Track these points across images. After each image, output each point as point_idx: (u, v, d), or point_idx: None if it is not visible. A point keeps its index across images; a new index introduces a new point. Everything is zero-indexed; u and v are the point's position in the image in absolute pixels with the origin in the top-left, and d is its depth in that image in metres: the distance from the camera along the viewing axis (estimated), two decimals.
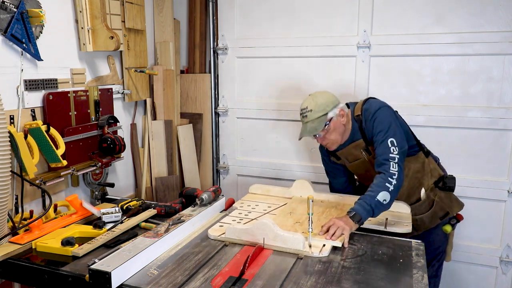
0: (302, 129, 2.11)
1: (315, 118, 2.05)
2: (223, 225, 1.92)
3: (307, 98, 2.12)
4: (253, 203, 2.29)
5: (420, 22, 2.66)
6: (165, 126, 3.07)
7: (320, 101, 2.06)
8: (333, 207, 2.16)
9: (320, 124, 2.05)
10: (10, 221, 1.89)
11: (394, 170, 1.92)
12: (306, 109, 2.06)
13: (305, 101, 2.10)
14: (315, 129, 2.05)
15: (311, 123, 2.05)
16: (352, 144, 2.16)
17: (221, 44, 3.17)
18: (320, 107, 2.04)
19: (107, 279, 1.41)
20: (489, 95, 2.59)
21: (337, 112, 2.08)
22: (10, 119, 1.94)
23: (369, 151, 2.13)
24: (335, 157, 2.30)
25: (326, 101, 2.07)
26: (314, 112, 2.04)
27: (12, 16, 1.90)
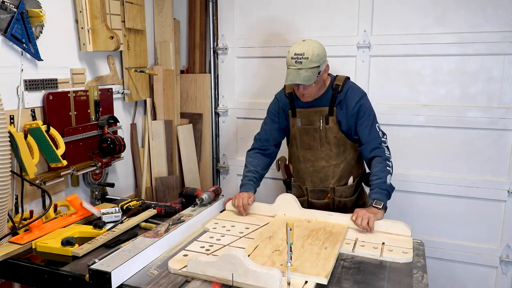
0: (293, 74, 1.99)
1: (310, 68, 1.98)
2: (188, 254, 1.64)
3: (301, 43, 2.03)
4: (229, 223, 2.00)
5: (420, 22, 2.66)
6: (165, 126, 3.07)
7: (316, 51, 1.99)
8: (321, 229, 1.88)
9: (314, 75, 1.99)
10: (10, 221, 1.89)
11: (388, 154, 2.11)
12: (302, 56, 1.97)
13: (301, 46, 2.00)
14: (309, 79, 1.98)
15: (305, 71, 1.97)
16: (315, 108, 2.16)
17: (221, 44, 3.17)
18: (316, 57, 1.98)
19: (107, 279, 1.41)
20: (489, 95, 2.59)
21: (324, 67, 2.07)
22: (10, 119, 1.94)
23: (327, 120, 2.14)
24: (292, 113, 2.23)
25: (321, 53, 2.02)
26: (310, 61, 1.97)
27: (12, 16, 1.90)
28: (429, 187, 2.78)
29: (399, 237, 1.83)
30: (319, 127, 2.17)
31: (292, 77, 2.00)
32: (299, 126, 2.23)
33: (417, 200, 2.82)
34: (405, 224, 1.87)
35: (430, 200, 2.80)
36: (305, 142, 2.24)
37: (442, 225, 2.80)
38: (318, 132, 2.18)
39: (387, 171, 2.04)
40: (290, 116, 2.26)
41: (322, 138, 2.18)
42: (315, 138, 2.20)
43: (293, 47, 2.02)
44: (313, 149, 2.22)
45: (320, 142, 2.19)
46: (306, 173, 2.29)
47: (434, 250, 2.78)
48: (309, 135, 2.21)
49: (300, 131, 2.23)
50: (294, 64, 1.99)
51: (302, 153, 2.26)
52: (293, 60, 1.99)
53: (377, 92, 2.82)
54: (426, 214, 2.81)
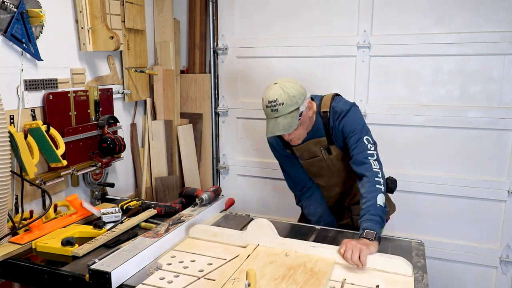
0: (271, 125, 1.80)
1: (288, 113, 1.77)
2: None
3: (272, 87, 1.82)
4: (190, 256, 1.66)
5: (420, 22, 2.66)
6: (165, 126, 3.07)
7: (291, 92, 1.78)
8: (300, 266, 1.54)
9: (294, 120, 1.79)
10: (10, 221, 1.89)
11: (376, 168, 1.84)
12: (276, 102, 1.76)
13: (272, 91, 1.80)
14: (290, 126, 1.79)
15: (284, 118, 1.78)
16: (312, 140, 1.98)
17: (221, 44, 3.16)
18: (292, 99, 1.77)
19: (107, 279, 1.41)
20: (489, 95, 2.59)
21: (305, 105, 1.84)
22: (10, 119, 1.94)
23: (329, 150, 1.99)
24: (291, 152, 2.09)
25: (297, 93, 1.80)
26: (286, 106, 1.76)
27: (12, 16, 1.90)
28: (429, 187, 2.78)
29: (397, 277, 1.50)
30: (322, 158, 2.02)
31: (271, 129, 1.81)
32: (302, 161, 2.10)
33: (417, 200, 2.82)
34: (405, 261, 1.54)
35: (430, 200, 2.80)
36: (313, 172, 2.12)
37: (442, 225, 2.80)
38: (324, 162, 2.04)
39: (376, 190, 1.76)
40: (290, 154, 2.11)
41: (330, 167, 2.05)
42: (323, 167, 2.06)
43: (266, 94, 1.82)
44: (324, 176, 2.10)
45: (329, 171, 2.06)
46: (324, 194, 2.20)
47: (434, 250, 2.78)
48: (316, 166, 2.07)
49: (306, 165, 2.11)
50: (271, 113, 1.79)
51: (316, 179, 2.16)
52: (269, 109, 1.79)
53: (377, 92, 2.82)
54: (426, 214, 2.81)
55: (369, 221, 1.68)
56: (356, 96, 2.85)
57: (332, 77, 2.88)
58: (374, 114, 2.83)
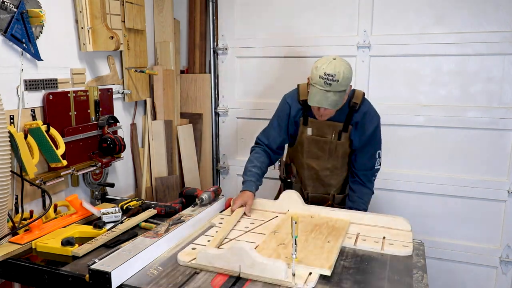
0: (320, 95, 1.86)
1: (338, 91, 1.86)
2: (196, 248, 1.69)
3: (332, 62, 1.87)
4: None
5: (420, 22, 2.66)
6: (165, 126, 3.07)
7: (347, 74, 1.87)
8: (323, 224, 1.92)
9: (341, 99, 1.89)
10: (10, 221, 1.88)
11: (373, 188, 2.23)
12: (333, 78, 1.83)
13: (333, 66, 1.85)
14: (336, 103, 1.89)
15: (333, 95, 1.85)
16: (329, 121, 2.08)
17: (221, 44, 3.17)
18: (346, 81, 1.87)
19: (107, 279, 1.41)
20: (489, 95, 2.59)
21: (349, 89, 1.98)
22: (10, 119, 1.94)
23: (340, 136, 2.11)
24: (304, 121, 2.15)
25: (350, 76, 1.91)
26: (340, 84, 1.84)
27: (12, 16, 1.90)
28: (429, 187, 2.78)
29: (399, 232, 1.86)
30: (330, 140, 2.12)
31: (319, 99, 1.88)
32: (309, 136, 2.16)
33: (417, 200, 2.82)
34: (405, 219, 1.91)
35: (430, 200, 2.80)
36: (312, 151, 2.20)
37: (442, 225, 2.80)
38: (328, 144, 2.14)
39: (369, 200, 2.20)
40: (301, 123, 2.18)
41: (331, 151, 2.15)
42: (324, 149, 2.16)
43: (323, 65, 1.87)
44: (320, 159, 2.20)
45: (329, 154, 2.17)
46: (310, 179, 2.29)
47: (434, 250, 2.78)
48: (318, 146, 2.17)
49: (309, 140, 2.18)
50: (323, 85, 1.85)
51: (308, 161, 2.23)
52: (322, 80, 1.84)
53: (377, 92, 2.82)
54: (426, 214, 2.81)
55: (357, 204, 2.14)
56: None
57: None
58: None
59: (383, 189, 2.89)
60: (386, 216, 1.96)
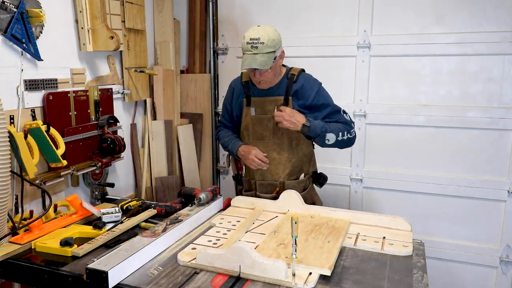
0: (249, 59, 1.99)
1: (266, 53, 1.98)
2: (196, 248, 1.70)
3: (255, 28, 2.03)
4: (235, 219, 2.04)
5: (420, 22, 2.66)
6: (165, 126, 3.07)
7: (272, 36, 1.99)
8: (323, 224, 1.91)
9: (270, 60, 2.00)
10: (10, 221, 1.89)
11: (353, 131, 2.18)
12: (258, 40, 1.97)
13: (256, 31, 2.01)
14: (266, 63, 1.99)
15: (261, 56, 1.98)
16: (270, 97, 2.17)
17: (221, 44, 3.17)
18: (272, 42, 1.99)
19: (104, 278, 1.41)
20: (489, 95, 2.59)
21: (279, 53, 2.07)
22: (10, 119, 1.94)
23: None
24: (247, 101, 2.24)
25: (277, 38, 2.02)
26: (265, 46, 1.97)
27: (12, 16, 1.90)
28: (429, 187, 2.78)
29: (399, 232, 1.87)
30: (272, 116, 2.14)
31: (248, 62, 1.99)
32: (253, 116, 2.22)
33: (417, 200, 2.83)
34: (405, 219, 1.91)
35: (430, 200, 2.80)
36: (257, 132, 2.23)
37: (442, 225, 2.80)
38: (272, 121, 2.16)
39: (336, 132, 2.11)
40: (244, 105, 2.25)
41: (275, 128, 2.17)
42: (268, 127, 2.19)
43: (248, 32, 2.02)
44: (265, 139, 2.22)
45: (273, 132, 2.19)
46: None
47: (434, 250, 2.78)
48: (262, 125, 2.21)
49: (253, 121, 2.22)
50: (250, 49, 1.99)
51: (254, 143, 2.26)
52: (249, 45, 1.99)
53: (377, 92, 2.82)
54: (426, 214, 2.81)
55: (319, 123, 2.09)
56: (356, 96, 2.86)
57: (332, 77, 2.88)
58: (374, 114, 2.84)
59: (383, 189, 2.90)
60: (386, 216, 1.95)
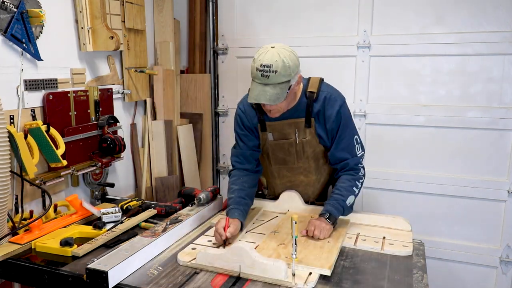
0: (257, 90, 1.67)
1: (278, 83, 1.65)
2: (196, 248, 1.70)
3: (269, 50, 1.66)
4: None
5: (420, 22, 2.66)
6: (165, 126, 3.07)
7: (287, 62, 1.65)
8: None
9: (283, 92, 1.67)
10: (10, 221, 1.89)
11: (361, 174, 1.92)
12: (270, 68, 1.63)
13: (269, 56, 1.65)
14: (277, 97, 1.66)
15: (272, 88, 1.65)
16: (289, 120, 1.88)
17: (221, 44, 3.17)
18: (287, 70, 1.65)
19: (104, 278, 1.41)
20: (489, 95, 2.59)
21: (296, 79, 1.74)
22: (10, 119, 1.94)
23: (305, 133, 1.90)
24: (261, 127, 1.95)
25: (293, 64, 1.67)
26: (279, 75, 1.64)
27: (12, 16, 1.90)
28: (429, 187, 2.78)
29: (399, 232, 1.87)
30: (294, 141, 1.91)
31: (256, 95, 1.67)
32: (271, 141, 1.96)
33: (417, 200, 2.82)
34: (405, 219, 1.91)
35: (430, 200, 2.80)
36: (279, 157, 1.99)
37: (442, 225, 2.80)
38: (294, 146, 1.93)
39: (352, 191, 1.85)
40: (259, 130, 1.96)
41: (299, 153, 1.95)
42: (291, 153, 1.95)
43: (260, 56, 1.67)
44: (288, 164, 1.99)
45: (297, 157, 1.96)
46: (283, 188, 2.11)
47: (434, 250, 2.78)
48: (284, 150, 1.96)
49: (272, 147, 1.97)
50: (260, 78, 1.65)
51: (277, 168, 2.05)
52: (259, 73, 1.65)
53: (377, 92, 2.82)
54: (426, 214, 2.81)
55: (334, 208, 1.83)
56: (356, 96, 2.86)
57: (332, 77, 2.85)
58: (374, 114, 2.84)
59: (383, 189, 2.89)
60: (386, 216, 1.96)
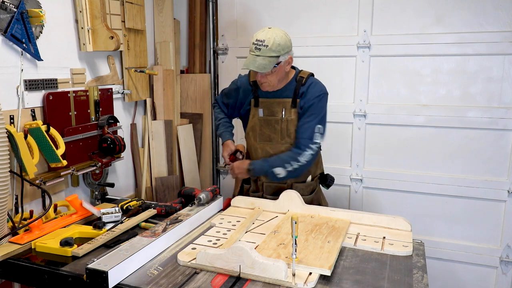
0: (249, 59, 2.01)
1: (268, 56, 1.98)
2: (196, 248, 1.70)
3: (265, 30, 2.02)
4: (235, 219, 2.03)
5: (420, 22, 2.66)
6: (165, 126, 3.07)
7: (278, 40, 1.98)
8: (323, 224, 1.91)
9: (270, 64, 1.99)
10: (10, 221, 1.89)
11: (304, 159, 2.08)
12: (263, 43, 1.97)
13: (263, 33, 2.00)
14: (264, 67, 1.98)
15: (262, 59, 1.98)
16: (278, 99, 2.16)
17: (221, 44, 3.16)
18: (277, 47, 1.97)
19: (104, 278, 1.41)
20: (489, 95, 2.59)
21: (286, 58, 2.05)
22: (10, 119, 1.94)
23: (290, 113, 2.14)
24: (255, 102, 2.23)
25: (283, 44, 2.00)
26: (269, 49, 1.97)
27: (12, 16, 1.90)
28: (429, 187, 2.78)
29: (399, 232, 1.87)
30: (280, 118, 2.15)
31: (247, 63, 2.01)
32: (261, 117, 2.21)
33: (417, 200, 2.82)
34: (405, 219, 1.91)
35: (430, 200, 2.80)
36: (265, 134, 2.21)
37: (442, 225, 2.80)
38: (280, 124, 2.16)
39: (284, 166, 2.08)
40: (252, 105, 2.24)
41: (283, 131, 2.16)
42: (276, 130, 2.18)
43: (257, 33, 2.02)
44: (273, 141, 2.20)
45: (281, 135, 2.17)
46: None
47: (434, 250, 2.78)
48: (270, 127, 2.19)
49: (260, 122, 2.21)
50: (253, 50, 1.99)
51: (261, 145, 2.23)
52: (254, 46, 1.99)
53: (377, 92, 2.82)
54: (426, 214, 2.81)
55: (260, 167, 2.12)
56: (356, 96, 2.86)
57: (332, 77, 2.88)
58: (374, 114, 2.84)
59: (383, 189, 2.90)
60: (386, 216, 1.95)
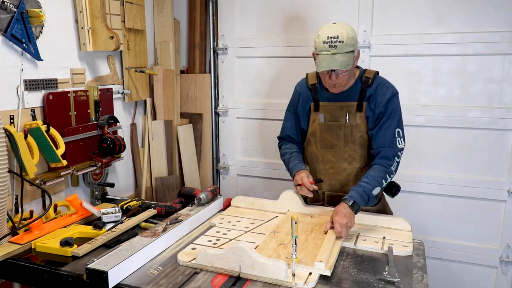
0: (327, 60, 1.80)
1: (345, 52, 1.79)
2: (196, 248, 1.70)
3: (332, 26, 1.83)
4: (235, 219, 2.04)
5: (420, 22, 2.66)
6: (165, 126, 3.07)
7: (351, 34, 1.80)
8: (323, 224, 1.89)
9: (350, 60, 1.81)
10: (10, 221, 1.89)
11: (393, 168, 1.95)
12: (337, 39, 1.78)
13: (333, 29, 1.81)
14: (347, 64, 1.80)
15: (341, 56, 1.79)
16: (341, 103, 2.00)
17: (221, 44, 3.17)
18: (351, 40, 1.80)
19: (104, 278, 1.41)
20: (489, 95, 2.59)
21: (356, 53, 1.88)
22: (10, 119, 1.94)
23: (354, 117, 1.99)
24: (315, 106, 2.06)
25: (355, 36, 1.84)
26: (345, 45, 1.79)
27: (12, 16, 1.90)
28: (429, 187, 2.78)
29: (399, 232, 1.87)
30: (344, 124, 1.99)
31: (327, 63, 1.81)
32: (321, 122, 2.04)
33: (418, 200, 2.82)
34: (405, 219, 1.91)
35: (430, 200, 2.80)
36: (326, 140, 2.05)
37: (442, 225, 2.80)
38: (343, 129, 2.00)
39: (380, 183, 1.89)
40: (312, 110, 2.07)
41: (346, 137, 2.00)
42: (339, 136, 2.02)
43: (324, 31, 1.83)
44: (335, 148, 2.04)
45: (344, 141, 2.01)
46: (325, 175, 2.10)
47: (434, 250, 2.78)
48: (332, 133, 2.03)
49: (321, 128, 2.05)
50: (328, 49, 1.80)
51: (322, 152, 2.07)
52: (326, 45, 1.80)
53: None
54: (426, 214, 2.81)
55: (359, 195, 1.82)
56: None
57: None
58: None
59: None
60: (386, 216, 1.96)
